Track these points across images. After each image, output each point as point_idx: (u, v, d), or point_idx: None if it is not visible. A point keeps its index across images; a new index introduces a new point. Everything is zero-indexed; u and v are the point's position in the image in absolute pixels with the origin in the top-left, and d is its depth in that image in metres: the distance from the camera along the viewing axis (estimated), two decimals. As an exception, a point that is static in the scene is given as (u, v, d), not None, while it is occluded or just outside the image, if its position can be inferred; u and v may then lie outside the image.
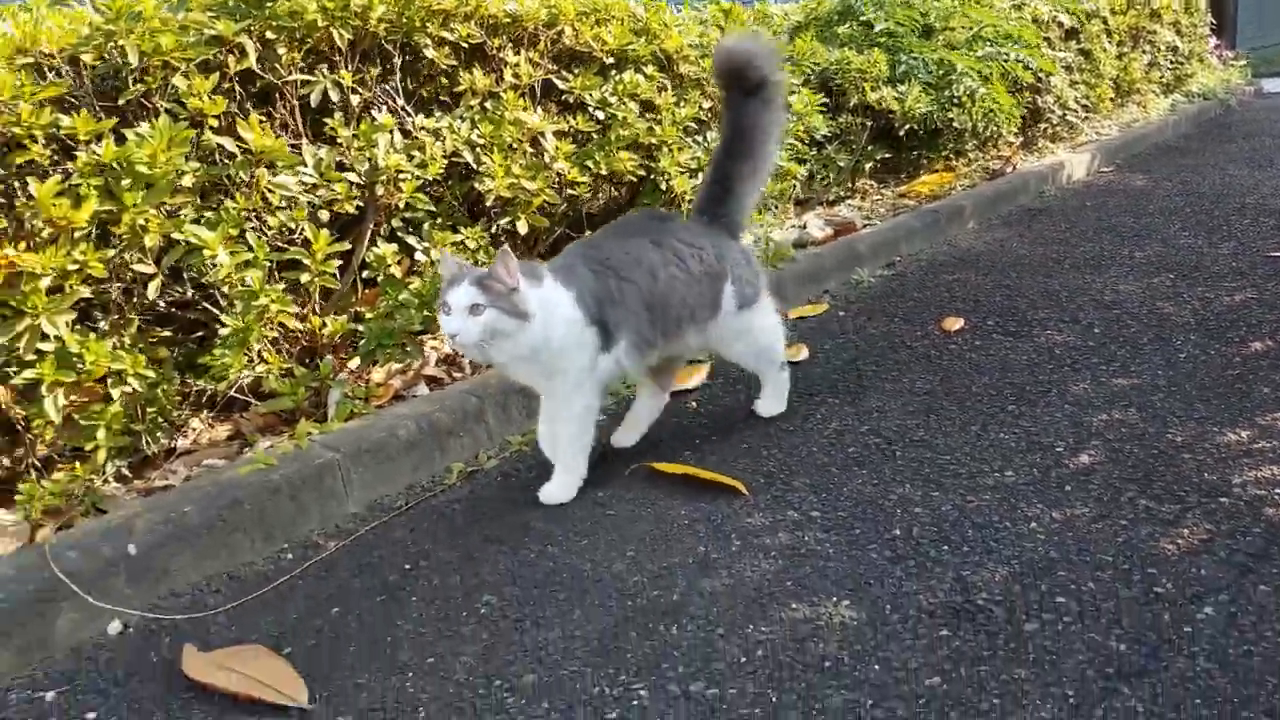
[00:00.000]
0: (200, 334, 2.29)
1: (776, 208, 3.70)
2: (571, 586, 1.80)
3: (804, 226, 3.98)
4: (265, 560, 2.01)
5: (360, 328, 2.36)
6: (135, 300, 2.06)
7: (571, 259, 2.10)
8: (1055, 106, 5.75)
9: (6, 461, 2.11)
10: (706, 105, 3.24)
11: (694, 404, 2.62)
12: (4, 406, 2.02)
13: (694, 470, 2.17)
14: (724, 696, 1.47)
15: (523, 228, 2.64)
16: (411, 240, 2.50)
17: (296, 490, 2.09)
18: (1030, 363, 2.69)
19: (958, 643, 1.54)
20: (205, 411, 2.30)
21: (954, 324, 3.03)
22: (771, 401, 2.47)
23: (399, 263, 2.42)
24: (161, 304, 2.12)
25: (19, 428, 2.03)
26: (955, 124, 4.66)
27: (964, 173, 5.04)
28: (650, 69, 3.02)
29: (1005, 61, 4.96)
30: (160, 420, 2.12)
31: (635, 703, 1.48)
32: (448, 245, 2.47)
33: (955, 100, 4.62)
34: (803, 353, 2.88)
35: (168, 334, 2.17)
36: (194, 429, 2.25)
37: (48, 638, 1.74)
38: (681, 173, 3.03)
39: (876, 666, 1.50)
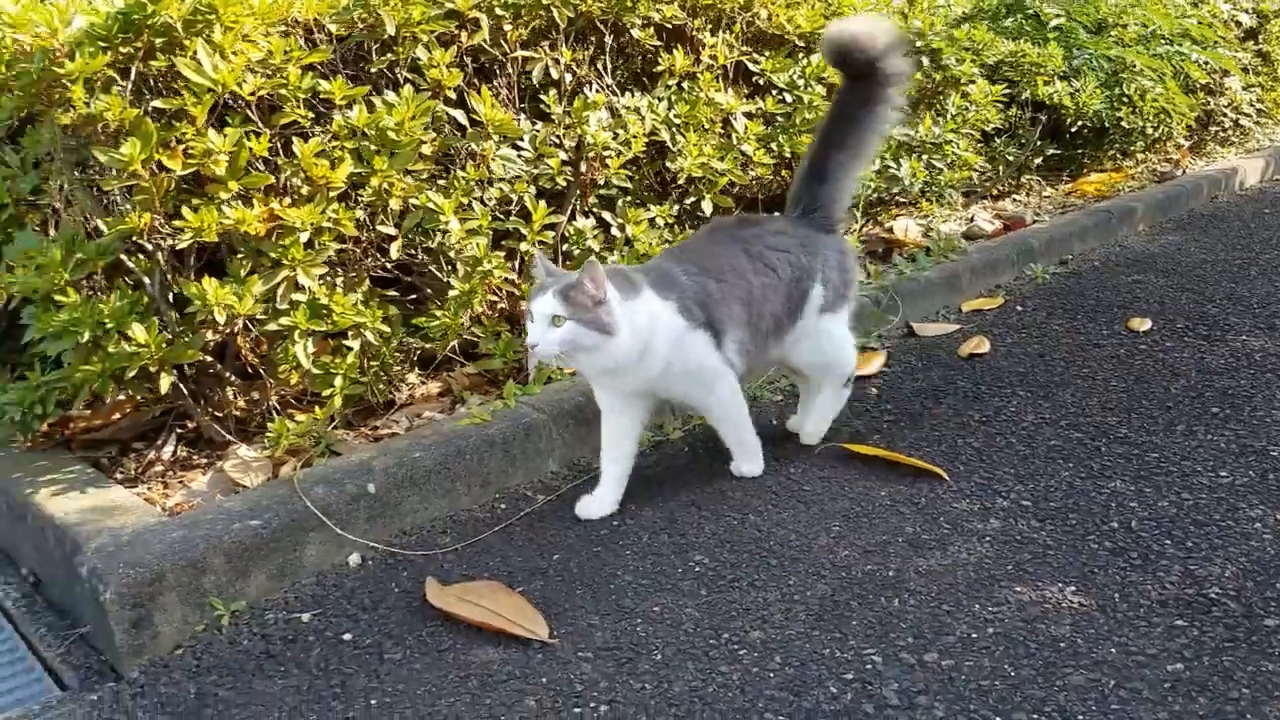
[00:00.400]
0: (414, 296, 2.43)
1: (948, 199, 3.66)
2: (781, 554, 1.85)
3: (972, 219, 3.93)
4: (481, 507, 2.13)
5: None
6: (369, 261, 2.20)
7: (668, 265, 2.01)
8: (1228, 109, 5.50)
9: (242, 403, 2.29)
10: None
11: (875, 390, 2.63)
12: (249, 353, 2.20)
13: (890, 454, 2.19)
14: (959, 667, 1.50)
15: (708, 207, 2.70)
16: (606, 216, 2.58)
17: (508, 445, 2.20)
18: (1229, 367, 2.60)
19: (1195, 632, 1.53)
20: (417, 369, 2.43)
21: (1141, 324, 2.96)
22: (818, 419, 2.29)
23: (596, 237, 2.50)
24: (387, 266, 2.25)
25: (261, 373, 2.21)
26: (1124, 123, 4.51)
27: (1131, 174, 4.88)
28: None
29: (1181, 60, 4.77)
30: (383, 374, 2.26)
31: (869, 667, 1.52)
32: (640, 223, 2.54)
33: (1126, 98, 4.48)
34: (984, 345, 2.85)
35: (393, 294, 2.31)
36: (409, 384, 2.39)
37: (297, 565, 1.89)
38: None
39: (1113, 650, 1.50)
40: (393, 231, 2.11)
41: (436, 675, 1.60)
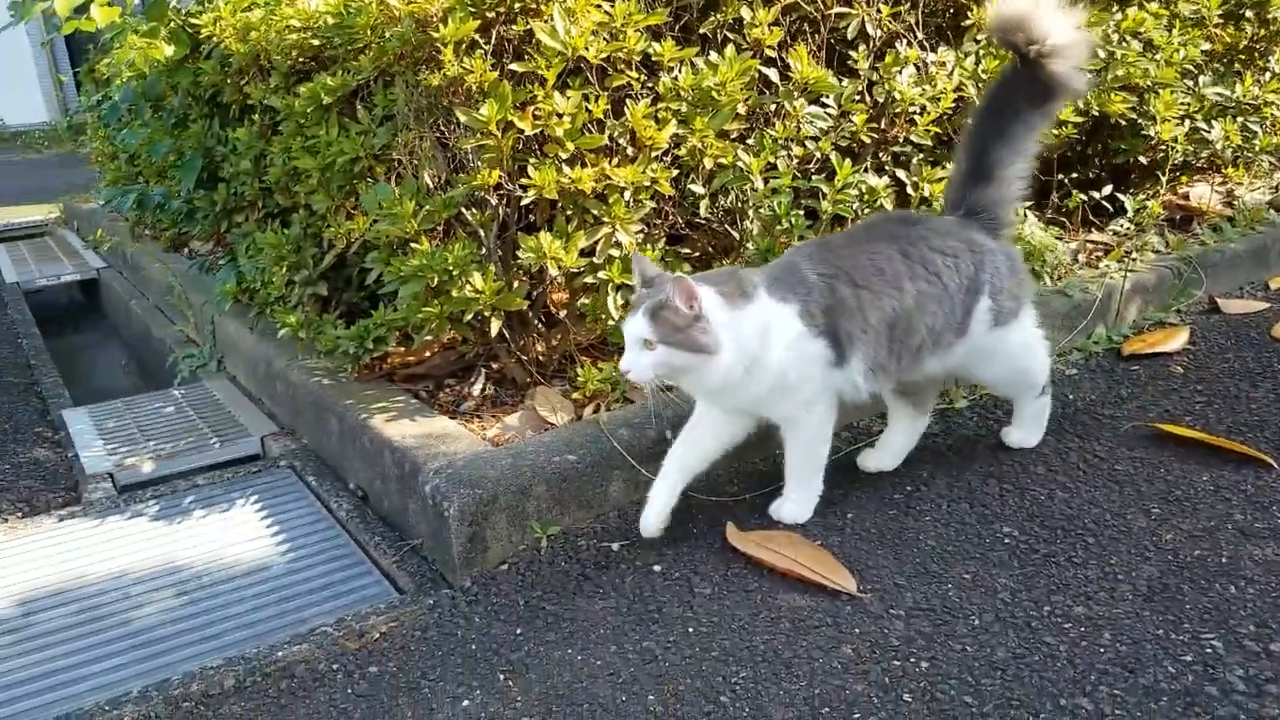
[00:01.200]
0: (697, 255, 2.50)
1: (1258, 166, 3.33)
2: (1097, 533, 1.79)
3: (1277, 188, 3.56)
4: (763, 460, 2.18)
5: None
6: (668, 219, 2.29)
7: (797, 261, 1.80)
8: None
9: (542, 348, 2.46)
10: (1205, 47, 2.97)
11: (1180, 368, 2.46)
12: (556, 303, 2.35)
13: (1212, 437, 2.05)
14: (1320, 663, 1.41)
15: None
16: (900, 174, 2.54)
17: (796, 403, 2.24)
18: None
19: None
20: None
21: None
22: (1026, 430, 2.11)
23: (888, 195, 2.47)
24: (679, 224, 2.33)
25: (565, 322, 2.35)
26: None
27: None
28: (1154, 4, 2.82)
29: None
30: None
31: (1209, 651, 1.45)
32: (937, 181, 2.48)
33: None
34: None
35: (685, 251, 2.39)
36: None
37: (604, 498, 2.03)
38: (1173, 119, 2.82)
39: None
40: (700, 190, 2.18)
41: (747, 613, 1.67)
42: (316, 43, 2.27)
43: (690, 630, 1.65)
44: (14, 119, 14.69)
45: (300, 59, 2.34)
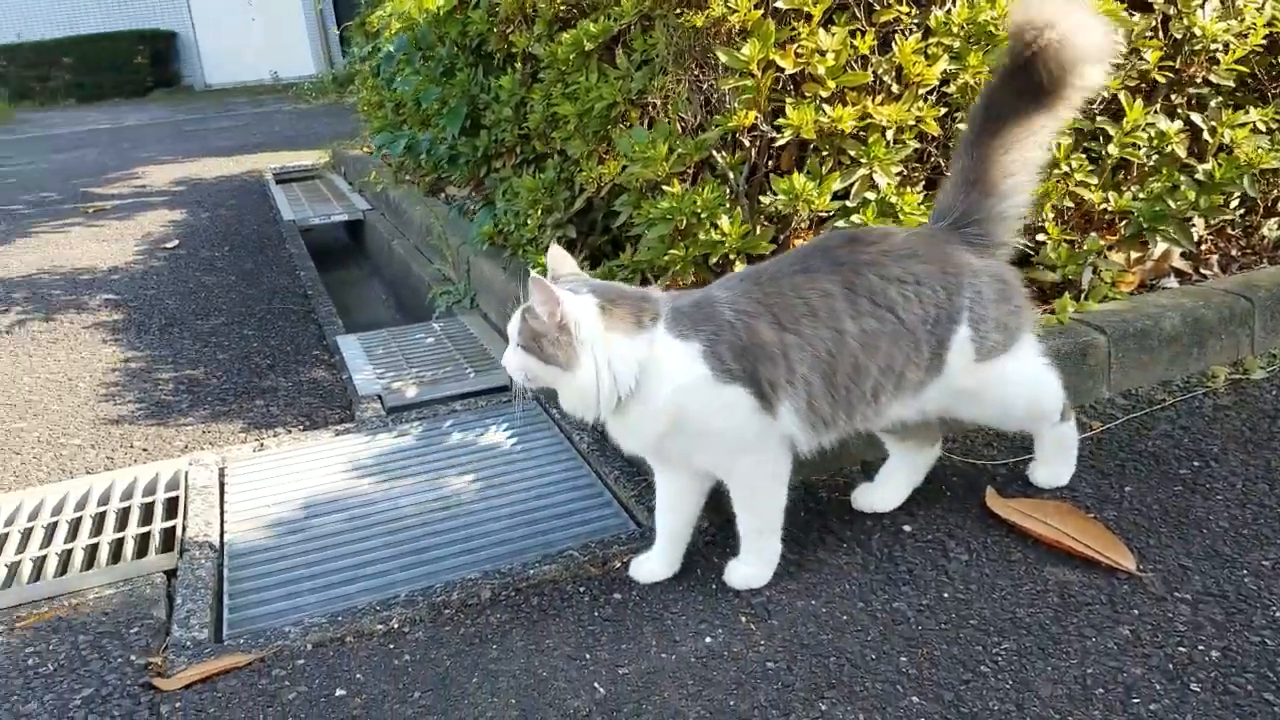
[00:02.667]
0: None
1: None
2: None
3: None
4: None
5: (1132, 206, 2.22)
6: (929, 161, 2.17)
7: (715, 294, 1.56)
8: None
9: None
10: None
11: None
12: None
13: None
14: None
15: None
16: (1195, 118, 2.27)
17: (1062, 364, 2.07)
18: None
19: None
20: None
21: None
22: (1052, 466, 1.80)
23: (1179, 141, 2.22)
24: (943, 166, 2.20)
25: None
26: None
27: None
28: None
29: None
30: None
31: None
32: (1240, 126, 2.20)
33: None
34: None
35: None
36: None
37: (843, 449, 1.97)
38: None
39: None
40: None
41: (1009, 583, 1.58)
42: (579, -12, 2.32)
43: (945, 595, 1.58)
44: (286, 73, 16.24)
45: (563, 6, 2.40)
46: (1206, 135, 2.24)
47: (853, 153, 1.99)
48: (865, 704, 1.37)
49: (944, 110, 2.01)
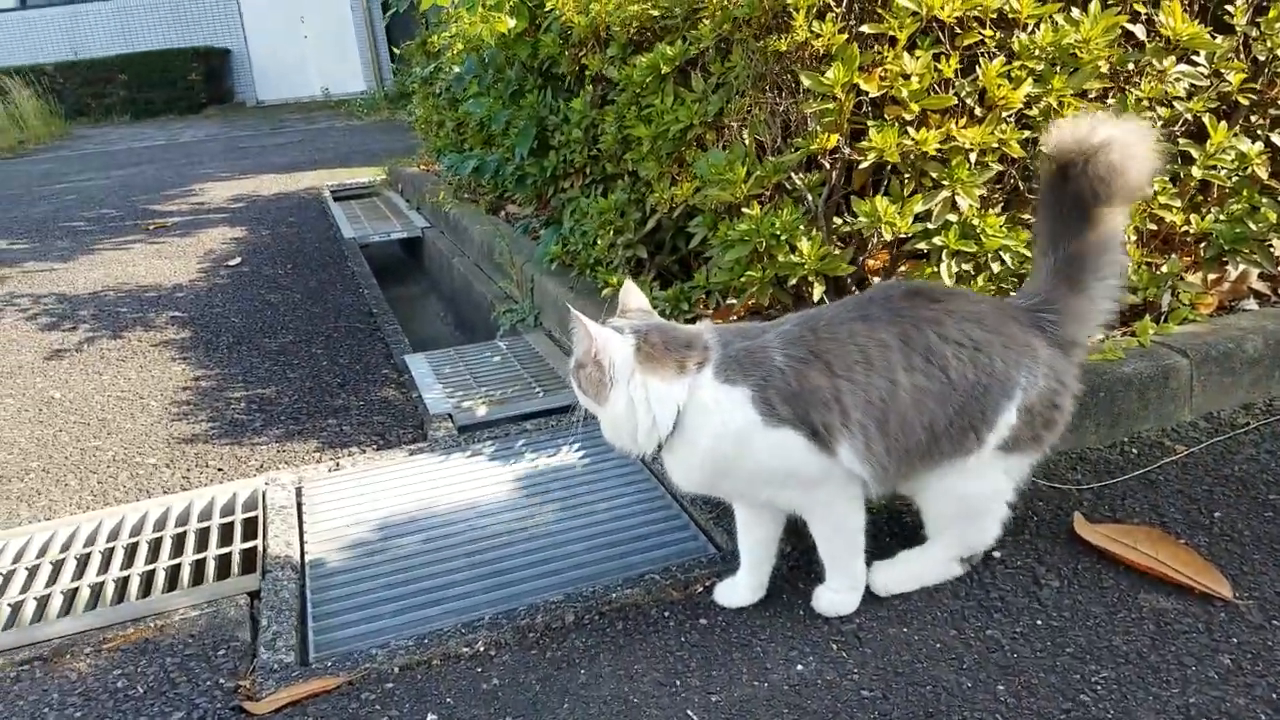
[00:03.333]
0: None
1: None
2: None
3: None
4: (1108, 448, 2.03)
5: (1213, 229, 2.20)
6: (1008, 184, 2.16)
7: (764, 339, 1.54)
8: None
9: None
10: None
11: None
12: (870, 271, 2.30)
13: None
14: None
15: None
16: (1277, 139, 2.24)
17: (1144, 387, 2.06)
18: None
19: None
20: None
21: None
22: (908, 577, 1.69)
23: (1261, 163, 2.19)
24: (1021, 187, 2.19)
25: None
26: None
27: None
28: None
29: None
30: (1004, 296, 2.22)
31: None
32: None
33: None
34: None
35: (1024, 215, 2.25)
36: (1023, 311, 2.34)
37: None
38: None
39: None
40: (1051, 153, 2.04)
41: (1103, 610, 1.56)
42: (655, 13, 2.34)
43: (1039, 623, 1.57)
44: (337, 89, 16.55)
45: (638, 30, 2.42)
46: (1290, 155, 2.20)
47: (934, 175, 1.99)
48: (964, 735, 1.37)
49: (1026, 133, 2.00)
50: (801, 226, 2.04)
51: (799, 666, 1.56)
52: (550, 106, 2.99)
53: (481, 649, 1.71)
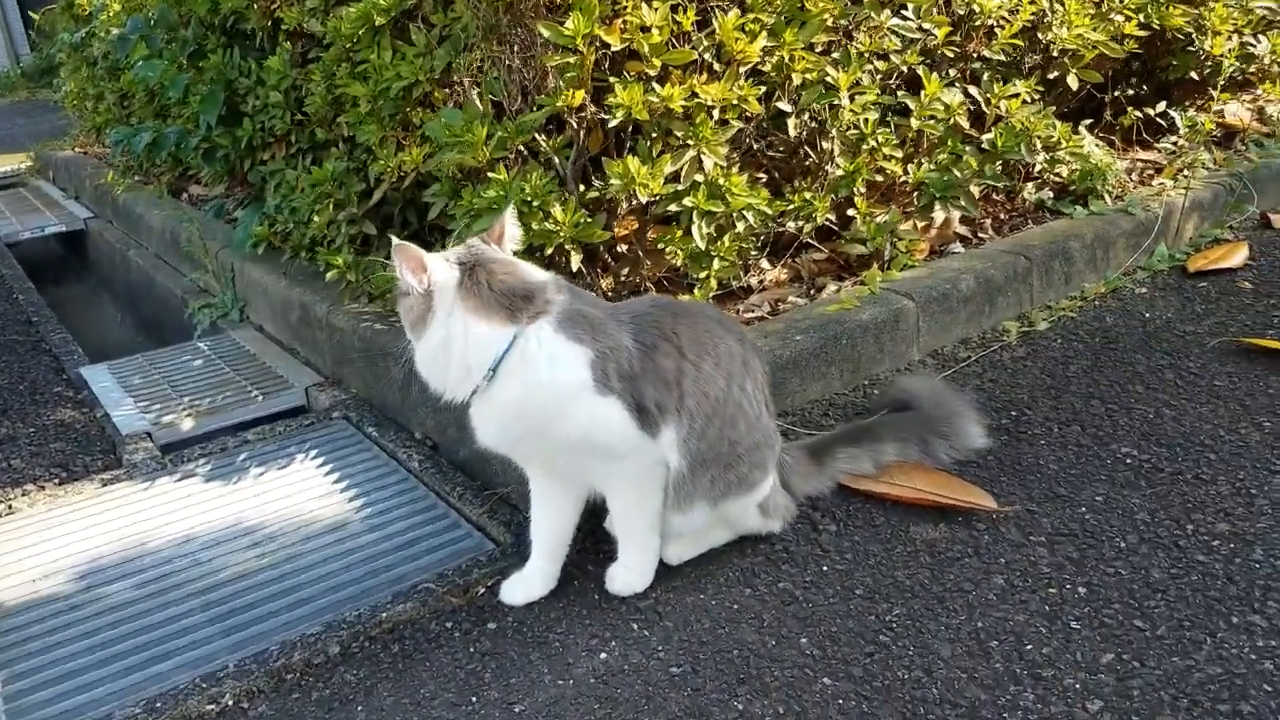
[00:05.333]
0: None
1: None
2: (1216, 449, 1.75)
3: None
4: (852, 392, 2.12)
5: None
6: (758, 142, 2.17)
7: (623, 317, 1.48)
8: None
9: (610, 282, 2.34)
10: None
11: (1247, 284, 2.43)
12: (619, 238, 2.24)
13: (1308, 348, 2.03)
14: None
15: (1073, 82, 2.52)
16: (974, 91, 2.44)
17: (879, 331, 2.17)
18: None
19: None
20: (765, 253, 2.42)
21: None
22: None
23: (961, 112, 2.37)
24: (757, 146, 2.22)
25: (638, 254, 2.24)
26: None
27: None
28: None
29: None
30: (741, 258, 2.25)
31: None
32: (1012, 97, 2.38)
33: None
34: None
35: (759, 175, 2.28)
36: (761, 268, 2.38)
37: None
38: (1225, 33, 2.75)
39: None
40: (788, 108, 2.06)
41: (880, 549, 1.61)
42: (360, -42, 2.09)
43: (825, 569, 1.58)
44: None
45: (341, -23, 2.16)
46: (984, 106, 2.41)
47: (679, 134, 1.94)
48: (780, 695, 1.34)
49: (763, 89, 2.01)
50: (553, 191, 1.91)
51: (602, 655, 1.47)
52: (239, 68, 2.62)
53: (231, 703, 1.46)
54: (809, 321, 2.12)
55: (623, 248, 2.22)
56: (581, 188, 2.02)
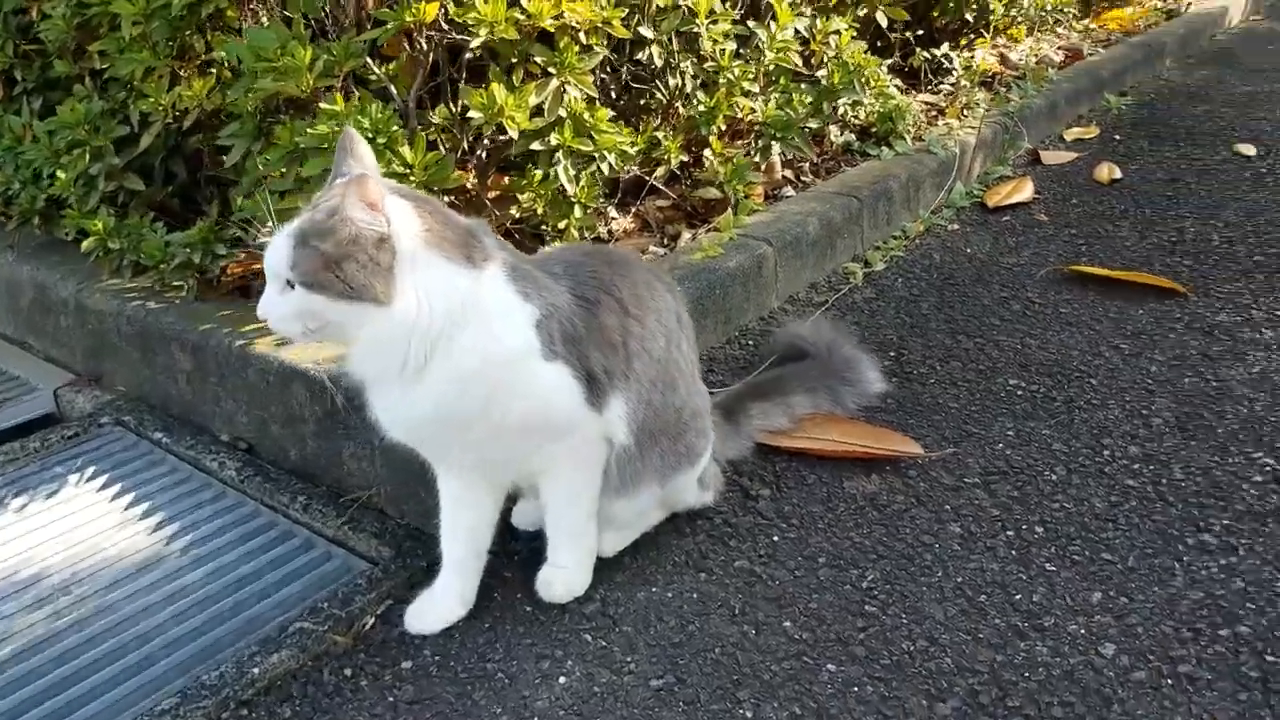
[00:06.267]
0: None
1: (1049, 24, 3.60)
2: (1093, 374, 1.81)
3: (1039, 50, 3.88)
4: (728, 344, 2.00)
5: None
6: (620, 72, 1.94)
7: (556, 266, 1.26)
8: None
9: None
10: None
11: (1043, 216, 2.60)
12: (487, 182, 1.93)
13: (1126, 274, 2.17)
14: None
15: (882, 19, 2.53)
16: (800, 26, 2.36)
17: (746, 279, 2.05)
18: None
19: None
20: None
21: (1247, 149, 3.02)
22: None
23: (795, 49, 2.29)
24: (605, 78, 2.00)
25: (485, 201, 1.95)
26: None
27: (1145, 12, 4.92)
28: None
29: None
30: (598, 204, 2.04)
31: (1268, 468, 1.52)
32: (830, 34, 2.34)
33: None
34: (1117, 171, 2.85)
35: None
36: (610, 217, 2.18)
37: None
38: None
39: None
40: (649, 33, 1.85)
41: (824, 509, 1.50)
42: None
43: (776, 539, 1.45)
44: None
45: None
46: (812, 44, 2.34)
47: (540, 60, 1.67)
48: (788, 692, 1.19)
49: (627, 10, 1.78)
50: (397, 126, 1.58)
51: (561, 680, 1.23)
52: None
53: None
54: (679, 272, 1.96)
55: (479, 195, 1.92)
56: (434, 120, 1.69)
